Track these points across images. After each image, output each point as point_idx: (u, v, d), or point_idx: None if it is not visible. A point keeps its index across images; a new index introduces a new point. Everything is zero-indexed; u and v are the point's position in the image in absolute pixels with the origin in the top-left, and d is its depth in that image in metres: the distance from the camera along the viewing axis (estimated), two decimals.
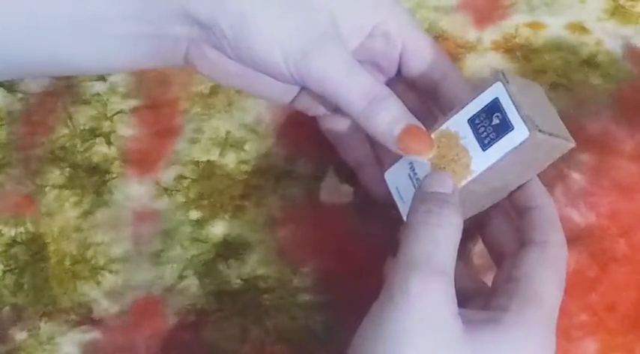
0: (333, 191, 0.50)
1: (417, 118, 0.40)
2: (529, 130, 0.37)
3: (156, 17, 0.39)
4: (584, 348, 0.45)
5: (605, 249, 0.47)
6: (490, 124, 0.38)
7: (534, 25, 0.54)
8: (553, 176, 0.49)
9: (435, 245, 0.36)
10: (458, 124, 0.39)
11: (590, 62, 0.52)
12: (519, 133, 0.37)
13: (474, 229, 0.43)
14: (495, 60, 0.53)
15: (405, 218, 0.41)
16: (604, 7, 0.54)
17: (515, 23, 0.54)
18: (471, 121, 0.39)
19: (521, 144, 0.37)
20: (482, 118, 0.39)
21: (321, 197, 0.50)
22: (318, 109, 0.46)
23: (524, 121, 0.37)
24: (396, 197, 0.42)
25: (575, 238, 0.47)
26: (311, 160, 0.51)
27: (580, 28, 0.54)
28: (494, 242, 0.43)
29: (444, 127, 0.40)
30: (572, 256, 0.47)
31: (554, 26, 0.54)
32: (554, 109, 0.41)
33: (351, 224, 0.49)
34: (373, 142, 0.46)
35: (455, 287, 0.36)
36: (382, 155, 0.46)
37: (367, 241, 0.46)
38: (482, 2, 0.55)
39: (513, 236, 0.42)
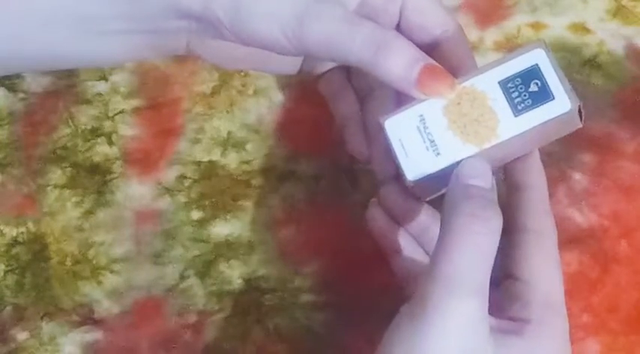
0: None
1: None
2: (571, 103, 0.36)
3: (148, 14, 0.38)
4: (585, 349, 0.45)
5: (607, 250, 0.47)
6: (526, 90, 0.37)
7: (536, 26, 0.54)
8: (555, 177, 0.49)
9: (478, 260, 0.34)
10: (486, 83, 0.38)
11: (592, 63, 0.52)
12: (560, 105, 0.36)
13: None
14: None
15: (405, 174, 0.39)
16: (606, 7, 0.54)
17: (517, 23, 0.54)
18: (503, 84, 0.37)
19: (559, 116, 0.36)
20: (517, 83, 0.37)
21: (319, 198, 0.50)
22: (321, 69, 0.47)
23: (567, 93, 0.36)
24: (397, 150, 0.39)
25: (576, 238, 0.47)
26: (312, 161, 0.51)
27: (582, 28, 0.54)
28: None
29: (467, 83, 0.38)
30: (574, 257, 0.47)
31: (556, 26, 0.54)
32: None
33: (352, 224, 0.49)
34: (362, 100, 0.46)
35: None
36: (369, 113, 0.45)
37: (368, 241, 0.46)
38: (484, 2, 0.55)
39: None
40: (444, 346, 0.33)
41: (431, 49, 0.42)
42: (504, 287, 0.39)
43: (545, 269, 0.38)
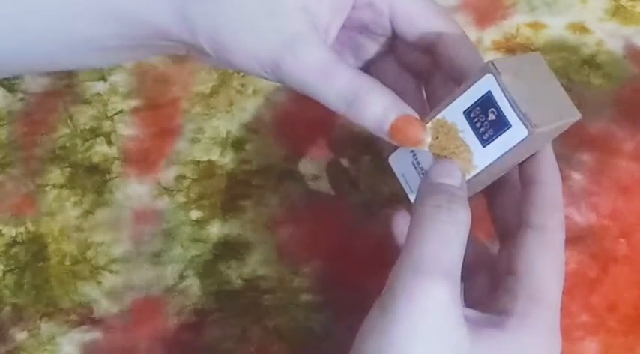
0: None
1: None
2: (527, 129, 0.36)
3: (141, 37, 0.39)
4: (584, 348, 0.45)
5: (606, 249, 0.47)
6: (486, 120, 0.37)
7: (535, 25, 0.54)
8: None
9: (443, 245, 0.35)
10: (454, 115, 0.38)
11: (590, 62, 0.52)
12: (518, 132, 0.37)
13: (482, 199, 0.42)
14: None
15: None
16: (605, 7, 0.54)
17: (515, 23, 0.54)
18: (467, 114, 0.38)
19: (521, 142, 0.37)
20: (477, 112, 0.37)
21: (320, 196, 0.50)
22: None
23: (521, 119, 0.36)
24: (403, 184, 0.41)
25: (576, 238, 0.47)
26: (311, 160, 0.51)
27: (581, 28, 0.54)
28: (500, 216, 0.42)
29: (440, 116, 0.39)
30: (573, 257, 0.47)
31: (555, 26, 0.54)
32: (556, 79, 0.39)
33: (352, 224, 0.49)
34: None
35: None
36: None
37: (367, 241, 0.46)
38: (483, 2, 0.55)
39: (519, 211, 0.40)
40: (412, 329, 0.33)
41: (431, 50, 0.42)
42: (503, 282, 0.39)
43: (539, 264, 0.38)
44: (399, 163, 0.41)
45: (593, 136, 0.50)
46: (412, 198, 0.40)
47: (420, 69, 0.42)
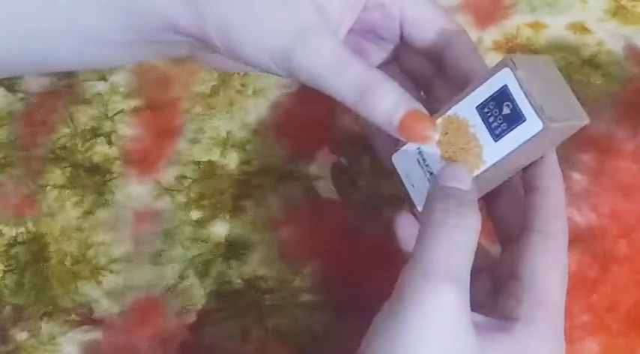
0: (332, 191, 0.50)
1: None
2: (542, 122, 0.36)
3: (148, 28, 0.39)
4: (585, 348, 0.45)
5: (607, 249, 0.47)
6: (500, 114, 0.37)
7: (535, 25, 0.54)
8: None
9: (452, 250, 0.35)
10: (466, 110, 0.38)
11: (591, 62, 0.52)
12: (532, 125, 0.36)
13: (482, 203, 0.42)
14: (496, 60, 0.53)
15: (415, 204, 0.40)
16: (605, 7, 0.54)
17: (516, 23, 0.54)
18: (480, 109, 0.38)
19: (534, 135, 0.37)
20: (491, 107, 0.37)
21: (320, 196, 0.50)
22: None
23: (536, 112, 0.36)
24: (405, 182, 0.41)
25: (576, 238, 0.47)
26: (312, 161, 0.51)
27: (581, 28, 0.54)
28: (501, 220, 0.42)
29: (450, 112, 0.39)
30: (574, 257, 0.47)
31: (556, 26, 0.54)
32: (565, 83, 0.39)
33: (352, 224, 0.49)
34: None
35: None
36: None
37: (367, 241, 0.46)
38: (484, 2, 0.55)
39: (521, 216, 0.40)
40: (421, 333, 0.33)
41: (437, 57, 0.42)
42: (506, 287, 0.39)
43: (543, 269, 0.38)
44: (402, 161, 0.41)
45: (593, 136, 0.50)
46: (414, 197, 0.40)
47: (422, 77, 0.42)
